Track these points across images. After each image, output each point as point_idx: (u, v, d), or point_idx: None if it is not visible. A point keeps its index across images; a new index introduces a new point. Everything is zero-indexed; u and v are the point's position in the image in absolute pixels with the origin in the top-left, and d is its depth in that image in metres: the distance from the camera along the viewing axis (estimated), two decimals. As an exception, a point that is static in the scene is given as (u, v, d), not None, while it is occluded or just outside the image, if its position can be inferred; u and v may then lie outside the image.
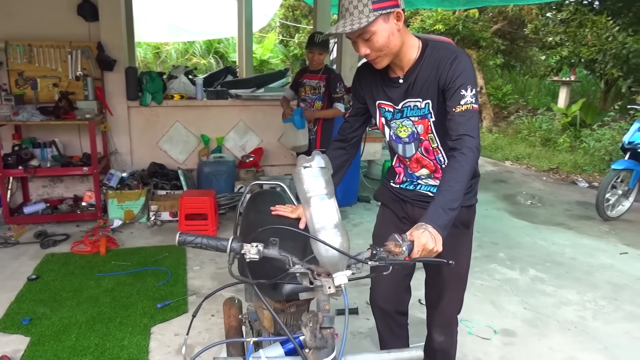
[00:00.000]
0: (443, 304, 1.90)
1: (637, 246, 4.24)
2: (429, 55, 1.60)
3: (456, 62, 1.55)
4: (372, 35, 1.49)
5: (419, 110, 1.66)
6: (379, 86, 1.71)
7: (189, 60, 14.31)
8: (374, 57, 1.56)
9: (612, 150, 6.84)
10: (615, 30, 7.88)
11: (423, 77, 1.61)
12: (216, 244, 1.18)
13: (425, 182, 1.78)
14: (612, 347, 2.74)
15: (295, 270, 1.17)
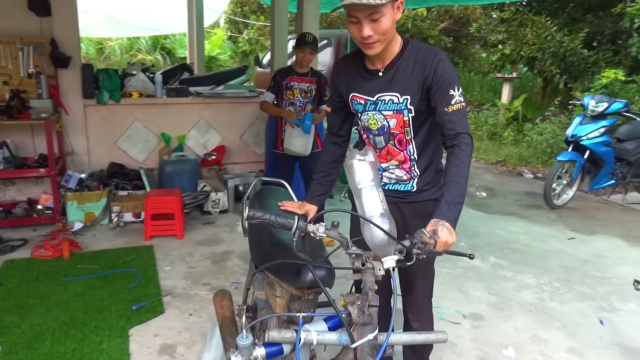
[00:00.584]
0: (415, 292, 2.01)
1: (582, 231, 4.57)
2: (409, 52, 1.68)
3: (441, 63, 1.65)
4: (380, 17, 1.52)
5: (394, 105, 1.72)
6: (356, 78, 1.76)
7: (134, 57, 13.88)
8: (374, 40, 1.57)
9: (553, 143, 7.29)
10: (553, 30, 8.39)
11: (403, 72, 1.67)
12: (284, 222, 1.25)
13: (389, 177, 1.87)
14: (569, 325, 2.97)
15: (352, 252, 1.24)
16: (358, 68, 1.76)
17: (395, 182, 1.88)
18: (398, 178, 1.86)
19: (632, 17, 6.85)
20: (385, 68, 1.70)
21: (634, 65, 7.96)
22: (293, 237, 1.24)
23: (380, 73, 1.71)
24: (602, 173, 5.17)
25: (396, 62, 1.68)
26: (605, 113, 5.06)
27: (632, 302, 3.25)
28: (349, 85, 1.79)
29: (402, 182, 1.87)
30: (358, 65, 1.76)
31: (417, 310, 2.03)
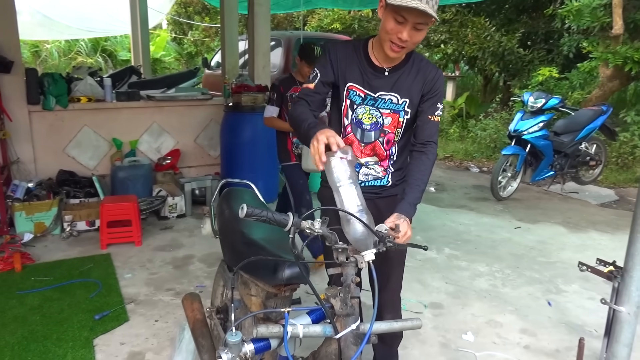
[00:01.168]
0: (390, 284, 2.11)
1: (527, 220, 4.86)
2: (413, 61, 1.81)
3: (440, 78, 1.85)
4: (423, 28, 1.63)
5: (392, 105, 1.82)
6: (358, 70, 1.80)
7: (74, 60, 13.35)
8: (406, 46, 1.66)
9: (496, 138, 7.67)
10: (492, 30, 8.80)
11: (406, 78, 1.80)
12: (279, 219, 1.26)
13: (367, 174, 1.93)
14: (521, 308, 3.17)
15: (339, 247, 1.30)
16: (361, 60, 1.81)
17: (372, 179, 1.96)
18: (375, 175, 1.95)
19: (563, 18, 7.30)
20: (391, 69, 1.79)
21: (566, 63, 8.49)
22: (289, 234, 1.27)
23: (387, 73, 1.79)
24: (542, 165, 5.51)
25: (402, 67, 1.79)
26: (543, 109, 5.39)
27: (575, 283, 3.51)
28: (347, 74, 1.82)
29: (378, 179, 1.96)
30: (361, 58, 1.81)
31: (391, 302, 2.13)
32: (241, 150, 4.74)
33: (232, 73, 5.55)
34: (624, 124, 6.96)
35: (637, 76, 6.98)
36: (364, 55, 1.80)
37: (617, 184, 6.24)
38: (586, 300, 3.27)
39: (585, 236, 4.49)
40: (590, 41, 7.18)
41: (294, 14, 12.46)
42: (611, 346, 2.25)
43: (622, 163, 6.61)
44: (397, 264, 2.09)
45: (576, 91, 7.73)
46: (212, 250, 3.82)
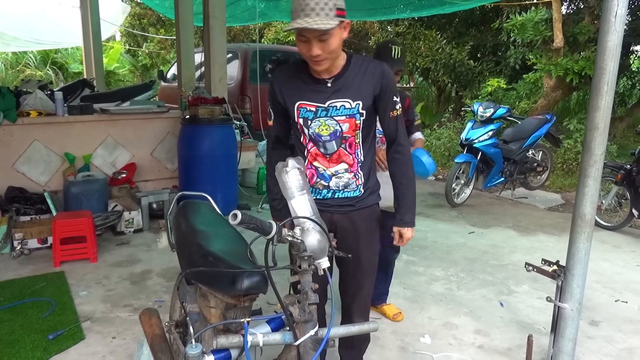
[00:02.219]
0: (363, 292, 2.13)
1: (480, 225, 5.05)
2: (354, 63, 1.83)
3: (386, 72, 1.86)
4: (329, 38, 1.64)
5: (346, 110, 1.83)
6: (302, 87, 1.84)
7: (22, 72, 12.92)
8: (322, 58, 1.69)
9: (450, 146, 7.92)
10: (443, 43, 9.13)
11: (352, 81, 1.82)
12: (265, 227, 1.32)
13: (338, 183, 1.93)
14: (475, 309, 3.29)
15: (305, 255, 1.34)
16: (302, 78, 1.85)
17: (343, 189, 1.94)
18: (346, 184, 1.93)
19: (508, 32, 7.67)
20: (333, 78, 1.81)
21: (513, 74, 8.91)
22: (273, 242, 1.31)
23: (329, 83, 1.81)
24: (493, 172, 5.74)
25: (344, 73, 1.81)
26: (492, 118, 5.63)
27: (525, 284, 3.67)
28: (293, 94, 1.85)
29: (349, 189, 1.94)
30: (302, 75, 1.85)
31: (363, 308, 2.16)
32: (199, 163, 4.71)
33: (188, 85, 5.52)
34: (567, 132, 7.35)
35: (578, 86, 7.40)
36: (304, 72, 1.84)
37: (563, 189, 6.57)
38: (535, 300, 3.43)
39: (534, 239, 4.70)
40: (534, 53, 7.56)
41: (250, 27, 12.51)
42: (557, 341, 2.38)
43: (567, 169, 6.96)
44: (370, 271, 2.11)
45: (523, 101, 8.11)
46: (171, 265, 3.78)
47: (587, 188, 2.22)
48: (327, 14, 1.60)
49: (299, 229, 1.39)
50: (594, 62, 6.52)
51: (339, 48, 1.72)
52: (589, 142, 2.18)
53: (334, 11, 1.61)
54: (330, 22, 1.59)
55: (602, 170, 2.21)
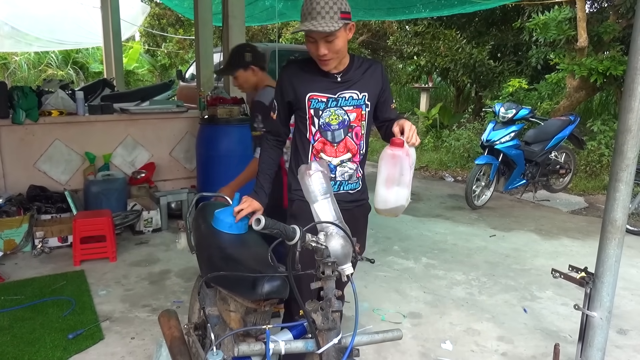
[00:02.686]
0: None
1: (501, 228, 4.95)
2: (357, 62, 2.00)
3: (383, 70, 2.07)
4: (334, 39, 1.78)
5: (354, 101, 1.97)
6: (312, 80, 1.96)
7: (44, 72, 13.12)
8: (329, 57, 1.84)
9: (470, 147, 7.81)
10: (463, 43, 9.01)
11: (357, 77, 1.97)
12: (288, 232, 1.29)
13: (343, 173, 2.01)
14: (497, 315, 3.22)
15: (329, 260, 1.30)
16: (312, 72, 1.96)
17: (348, 181, 2.04)
18: (350, 174, 2.03)
19: (530, 31, 7.53)
20: (341, 73, 1.96)
21: (534, 75, 8.73)
22: (296, 248, 1.28)
23: (338, 78, 1.95)
24: (515, 174, 5.63)
25: (349, 70, 1.96)
26: (514, 119, 5.53)
27: (549, 290, 3.58)
28: (304, 86, 1.96)
29: (352, 181, 2.05)
30: (312, 70, 1.96)
31: None
32: (217, 163, 4.70)
33: (207, 85, 5.52)
34: (591, 133, 7.18)
35: (602, 87, 7.23)
36: (314, 66, 1.95)
37: (587, 192, 6.42)
38: (560, 306, 3.34)
39: (557, 243, 4.59)
40: (557, 53, 7.41)
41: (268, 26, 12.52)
42: (585, 351, 2.31)
43: (591, 171, 6.81)
44: None
45: (545, 102, 7.94)
46: (189, 265, 3.78)
47: (619, 193, 2.14)
48: (332, 17, 1.74)
49: (322, 234, 1.35)
50: (619, 62, 6.41)
51: (344, 48, 1.86)
52: (621, 145, 2.10)
53: (338, 14, 1.75)
54: (335, 24, 1.74)
55: (634, 174, 2.13)
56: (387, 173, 1.86)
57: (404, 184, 1.88)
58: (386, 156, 1.85)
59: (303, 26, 1.77)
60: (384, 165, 1.87)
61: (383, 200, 1.92)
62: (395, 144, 1.84)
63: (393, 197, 1.90)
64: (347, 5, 1.81)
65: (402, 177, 1.86)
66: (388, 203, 1.91)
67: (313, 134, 2.01)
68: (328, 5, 1.75)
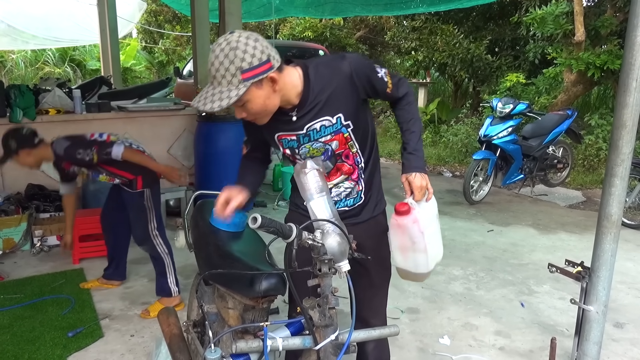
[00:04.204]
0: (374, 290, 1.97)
1: (499, 224, 4.97)
2: (314, 77, 1.59)
3: (350, 63, 1.62)
4: (245, 103, 1.46)
5: (329, 128, 1.64)
6: (274, 120, 1.62)
7: (41, 70, 13.09)
8: (252, 118, 1.55)
9: (467, 143, 7.82)
10: (461, 38, 9.00)
11: (321, 97, 1.60)
12: (285, 230, 1.29)
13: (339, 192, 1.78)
14: (495, 310, 3.24)
15: (325, 258, 1.31)
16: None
17: (345, 197, 1.79)
18: (348, 193, 1.78)
19: (528, 26, 7.52)
20: (295, 109, 1.61)
21: (532, 69, 8.74)
22: (293, 246, 1.28)
23: (294, 116, 1.62)
24: (512, 169, 5.64)
25: (306, 97, 1.59)
26: (511, 114, 5.53)
27: (547, 284, 3.60)
28: (269, 126, 1.65)
29: (351, 197, 1.79)
30: None
31: (375, 308, 1.99)
32: (216, 160, 4.71)
33: (204, 82, 5.52)
34: (588, 127, 7.20)
35: (599, 81, 7.23)
36: None
37: (584, 186, 6.44)
38: (557, 301, 3.36)
39: (555, 237, 4.61)
40: (554, 47, 7.41)
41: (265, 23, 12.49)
42: (582, 345, 2.32)
43: (588, 165, 6.82)
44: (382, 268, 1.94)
45: (542, 96, 7.95)
46: (188, 262, 3.79)
47: (614, 187, 2.15)
48: (230, 81, 1.40)
49: (319, 232, 1.36)
50: (616, 56, 6.41)
51: (267, 106, 1.51)
52: (616, 140, 2.11)
53: (238, 77, 1.40)
54: (231, 93, 1.40)
55: (629, 169, 2.14)
56: (398, 242, 1.75)
57: (419, 250, 1.72)
58: (393, 225, 1.71)
59: (195, 101, 1.45)
60: (393, 235, 1.75)
61: (401, 266, 1.82)
62: (400, 213, 1.65)
63: (411, 264, 1.78)
64: (253, 58, 1.40)
65: (415, 245, 1.70)
66: (408, 270, 1.81)
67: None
68: (223, 66, 1.39)
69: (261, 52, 1.41)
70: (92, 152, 2.91)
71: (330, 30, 10.38)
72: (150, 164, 3.05)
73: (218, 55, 1.40)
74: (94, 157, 2.91)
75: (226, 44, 1.40)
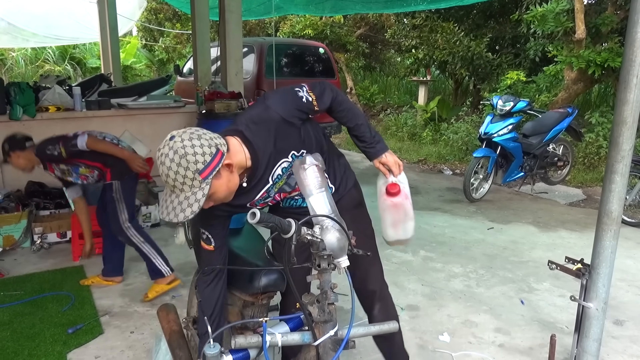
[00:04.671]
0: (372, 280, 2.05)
1: (499, 221, 4.97)
2: (252, 137, 1.59)
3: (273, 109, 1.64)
4: (211, 195, 1.45)
5: (288, 166, 1.69)
6: (238, 195, 1.60)
7: (41, 68, 13.08)
8: (219, 202, 1.52)
9: (468, 140, 7.81)
10: (461, 35, 8.99)
11: (268, 150, 1.62)
12: (284, 226, 1.28)
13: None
14: (495, 307, 3.24)
15: (324, 253, 1.31)
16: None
17: None
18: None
19: (528, 23, 7.51)
20: (246, 178, 1.62)
21: (532, 67, 8.72)
22: (292, 241, 1.28)
23: (244, 184, 1.61)
24: (513, 167, 5.63)
25: (256, 157, 1.60)
26: (512, 111, 5.52)
27: (546, 281, 3.60)
28: (236, 203, 1.64)
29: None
30: None
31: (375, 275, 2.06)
32: (215, 158, 4.71)
33: (204, 80, 5.53)
34: (589, 125, 7.19)
35: (600, 79, 7.22)
36: None
37: (585, 184, 6.43)
38: (557, 298, 3.36)
39: (555, 235, 4.61)
40: (555, 45, 7.39)
41: (266, 20, 12.48)
42: (581, 341, 2.32)
43: (589, 163, 6.82)
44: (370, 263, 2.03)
45: (543, 94, 7.94)
46: (188, 259, 3.79)
47: (614, 184, 2.14)
48: (192, 185, 1.38)
49: (318, 228, 1.36)
50: (617, 53, 6.40)
51: (230, 187, 1.50)
52: (617, 137, 2.11)
53: (197, 179, 1.38)
54: (197, 195, 1.38)
55: (630, 166, 2.14)
56: (392, 219, 1.94)
57: (409, 218, 1.96)
58: (387, 207, 1.90)
59: (161, 214, 1.44)
60: (388, 215, 1.92)
61: (394, 238, 2.00)
62: (392, 193, 1.85)
63: (402, 233, 1.98)
64: (205, 156, 1.37)
65: (407, 216, 1.94)
66: (399, 239, 2.01)
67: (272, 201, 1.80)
68: (180, 175, 1.36)
69: (209, 147, 1.40)
70: (59, 146, 3.03)
71: (330, 28, 10.36)
72: (114, 151, 3.15)
73: (170, 166, 1.36)
74: (62, 150, 3.03)
75: (173, 153, 1.36)
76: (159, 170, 1.40)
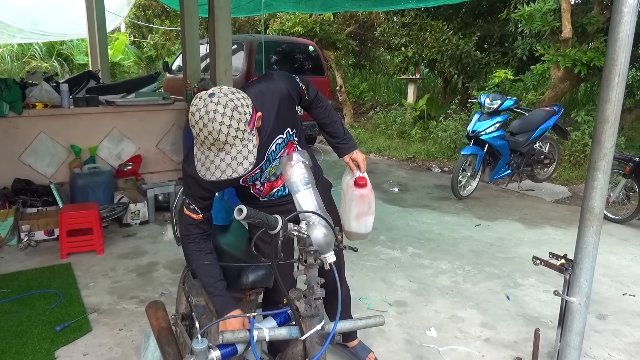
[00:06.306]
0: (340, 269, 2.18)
1: (486, 218, 5.02)
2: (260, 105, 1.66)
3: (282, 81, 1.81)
4: None
5: (281, 144, 1.82)
6: None
7: (28, 64, 12.94)
8: None
9: (456, 138, 7.87)
10: (450, 34, 9.04)
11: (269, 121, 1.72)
12: (270, 222, 1.30)
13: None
14: (481, 302, 3.28)
15: (311, 249, 1.32)
16: None
17: None
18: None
19: (516, 22, 7.58)
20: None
21: (520, 66, 8.81)
22: (279, 237, 1.30)
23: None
24: (500, 164, 5.70)
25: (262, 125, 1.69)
26: (499, 110, 5.58)
27: (532, 277, 3.65)
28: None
29: None
30: None
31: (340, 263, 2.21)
32: (204, 155, 4.70)
33: (193, 77, 5.51)
34: (575, 124, 7.28)
35: (586, 78, 7.31)
36: None
37: (570, 181, 6.52)
38: (542, 293, 3.41)
39: (540, 232, 4.67)
40: (542, 44, 7.47)
41: (255, 18, 12.44)
42: (564, 335, 2.37)
43: (575, 161, 6.91)
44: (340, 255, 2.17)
45: (530, 92, 8.02)
46: (177, 257, 3.79)
47: (597, 181, 2.18)
48: (242, 137, 1.40)
49: (304, 224, 1.38)
50: (602, 53, 6.48)
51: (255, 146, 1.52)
52: (599, 135, 2.15)
53: (247, 130, 1.41)
54: (249, 147, 1.42)
55: (612, 163, 2.18)
56: (357, 210, 2.08)
57: (371, 212, 2.11)
58: (355, 197, 2.04)
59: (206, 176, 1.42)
60: (354, 205, 2.05)
61: (355, 230, 2.13)
62: (361, 185, 2.00)
63: (363, 226, 2.13)
64: (249, 108, 1.42)
65: (370, 209, 2.11)
66: (360, 233, 2.15)
67: (258, 189, 1.91)
68: (232, 128, 1.37)
69: (248, 99, 1.45)
70: None
71: (320, 25, 10.35)
72: None
73: (223, 120, 1.35)
74: None
75: (223, 107, 1.35)
76: (201, 131, 1.36)
